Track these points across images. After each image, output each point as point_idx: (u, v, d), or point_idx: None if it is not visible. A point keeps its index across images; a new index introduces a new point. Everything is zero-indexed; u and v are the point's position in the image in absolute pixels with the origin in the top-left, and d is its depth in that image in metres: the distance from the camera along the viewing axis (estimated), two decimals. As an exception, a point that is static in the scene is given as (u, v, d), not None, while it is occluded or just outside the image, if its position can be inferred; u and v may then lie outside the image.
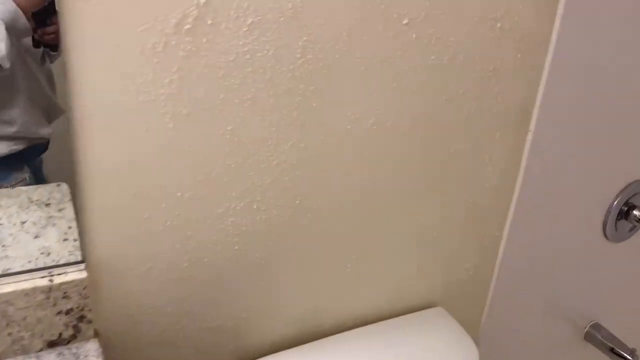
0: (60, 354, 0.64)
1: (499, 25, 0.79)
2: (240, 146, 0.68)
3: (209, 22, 0.59)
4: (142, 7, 0.55)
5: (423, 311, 0.99)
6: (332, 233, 0.81)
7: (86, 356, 0.64)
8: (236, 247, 0.74)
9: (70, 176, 0.61)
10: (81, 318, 0.65)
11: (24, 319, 0.61)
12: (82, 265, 0.64)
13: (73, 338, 0.65)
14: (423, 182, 0.86)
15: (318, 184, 0.76)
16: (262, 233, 0.75)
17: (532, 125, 0.92)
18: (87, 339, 0.66)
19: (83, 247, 0.63)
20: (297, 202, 0.76)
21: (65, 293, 0.62)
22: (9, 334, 0.61)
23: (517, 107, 0.88)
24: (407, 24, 0.71)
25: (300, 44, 0.65)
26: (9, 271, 0.60)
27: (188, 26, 0.58)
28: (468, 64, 0.79)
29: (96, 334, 0.68)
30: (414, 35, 0.73)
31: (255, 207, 0.73)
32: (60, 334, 0.64)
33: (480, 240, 1.00)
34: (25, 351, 0.63)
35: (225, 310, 0.78)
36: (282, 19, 0.63)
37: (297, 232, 0.78)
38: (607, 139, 1.03)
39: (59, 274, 0.62)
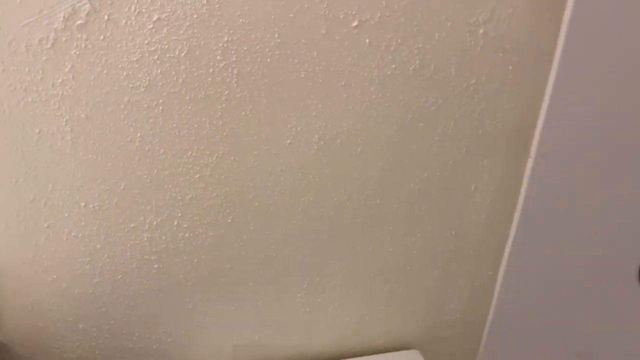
0: (-54, 363, 0.62)
1: (481, 31, 0.68)
2: (153, 156, 0.63)
3: (106, 17, 0.55)
4: (24, -2, 0.52)
5: (393, 353, 0.90)
6: (274, 258, 0.74)
7: (-29, 369, 0.61)
8: (156, 266, 0.69)
9: None
10: (-28, 327, 0.63)
11: None
12: (-28, 272, 0.62)
13: (-36, 347, 0.63)
14: (388, 210, 0.76)
15: (254, 204, 0.70)
16: (186, 252, 0.70)
17: (533, 150, 0.80)
18: (-20, 350, 0.64)
19: (-25, 253, 0.61)
20: (229, 220, 0.70)
21: (-50, 300, 0.60)
22: None
23: (511, 128, 0.77)
24: (357, 26, 0.63)
25: (220, 44, 0.59)
26: None
27: (80, 21, 0.54)
28: (441, 76, 0.69)
29: (-7, 345, 0.65)
30: (367, 40, 0.64)
31: (175, 223, 0.68)
32: (-50, 342, 0.63)
33: (470, 280, 0.88)
34: None
35: (147, 331, 0.74)
36: (195, 16, 0.57)
37: (230, 253, 0.72)
38: (633, 163, 0.87)
39: (-54, 279, 0.60)
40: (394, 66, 0.67)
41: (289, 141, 0.67)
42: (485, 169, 0.79)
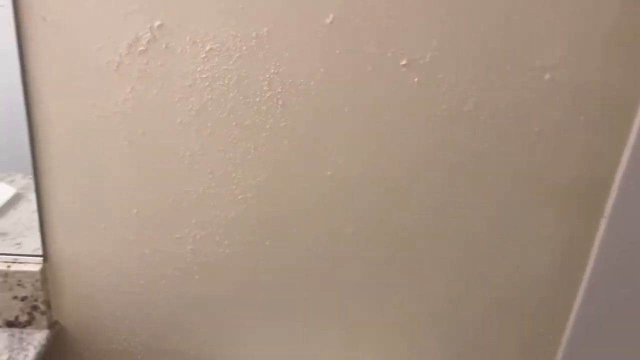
0: (11, 335, 0.71)
1: (547, 76, 0.64)
2: (200, 174, 0.67)
3: (164, 45, 0.60)
4: (97, 25, 0.59)
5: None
6: (311, 287, 0.75)
7: (29, 343, 0.70)
8: (197, 277, 0.74)
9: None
10: (35, 307, 0.71)
11: (-14, 295, 0.70)
12: (39, 260, 0.70)
13: (28, 324, 0.72)
14: (434, 254, 0.74)
15: (293, 230, 0.71)
16: (225, 268, 0.73)
17: (608, 210, 0.72)
18: (40, 329, 0.73)
19: (43, 244, 0.70)
20: (267, 243, 0.72)
21: (19, 281, 0.70)
22: (-26, 305, 0.71)
23: (581, 183, 0.70)
24: (405, 65, 0.62)
25: (267, 76, 0.62)
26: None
27: (142, 48, 0.60)
28: (498, 121, 0.66)
29: (52, 326, 0.74)
30: (415, 79, 0.63)
31: (217, 239, 0.71)
32: (17, 317, 0.72)
33: (525, 340, 0.82)
34: (-14, 323, 0.72)
35: (187, 336, 0.78)
36: (244, 48, 0.61)
37: (267, 276, 0.74)
38: None
39: (19, 263, 0.70)
40: (444, 107, 0.65)
41: (329, 172, 0.68)
42: (547, 225, 0.72)
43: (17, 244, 0.73)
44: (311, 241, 0.72)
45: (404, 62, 0.62)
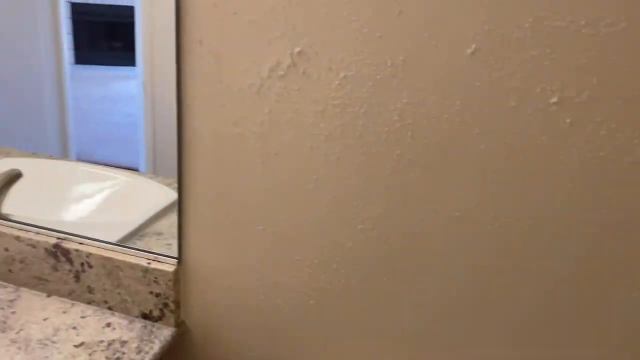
0: (144, 326, 0.78)
1: None
2: (322, 199, 0.67)
3: (302, 71, 0.62)
4: (244, 49, 0.63)
5: None
6: (423, 334, 0.69)
7: (156, 337, 0.76)
8: (311, 302, 0.73)
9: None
10: (166, 305, 0.77)
11: (129, 286, 0.78)
12: (174, 261, 0.76)
13: (159, 319, 0.78)
14: (583, 318, 0.63)
15: (412, 270, 0.67)
16: (340, 298, 0.72)
17: None
18: (168, 325, 0.78)
19: (180, 248, 0.75)
20: (385, 280, 0.69)
21: (155, 278, 0.76)
22: (119, 293, 0.79)
23: None
24: (556, 103, 0.55)
25: (398, 105, 0.60)
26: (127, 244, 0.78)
27: (281, 72, 0.62)
28: (672, 176, 0.55)
29: (178, 325, 0.79)
30: (567, 120, 0.56)
31: (334, 267, 0.70)
32: (151, 311, 0.78)
33: None
34: (126, 312, 0.79)
35: (293, 359, 0.78)
36: (378, 76, 0.59)
37: (381, 312, 0.71)
38: None
39: (158, 261, 0.76)
40: (602, 154, 0.56)
41: (458, 214, 0.63)
42: None
43: (168, 244, 0.80)
44: (432, 285, 0.67)
45: (554, 99, 0.55)
